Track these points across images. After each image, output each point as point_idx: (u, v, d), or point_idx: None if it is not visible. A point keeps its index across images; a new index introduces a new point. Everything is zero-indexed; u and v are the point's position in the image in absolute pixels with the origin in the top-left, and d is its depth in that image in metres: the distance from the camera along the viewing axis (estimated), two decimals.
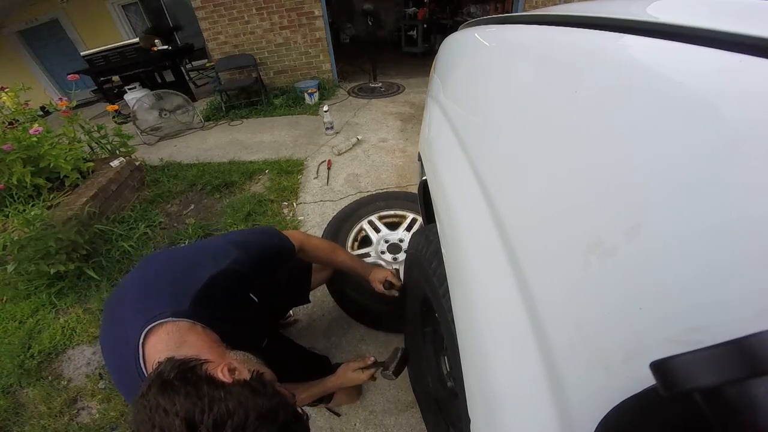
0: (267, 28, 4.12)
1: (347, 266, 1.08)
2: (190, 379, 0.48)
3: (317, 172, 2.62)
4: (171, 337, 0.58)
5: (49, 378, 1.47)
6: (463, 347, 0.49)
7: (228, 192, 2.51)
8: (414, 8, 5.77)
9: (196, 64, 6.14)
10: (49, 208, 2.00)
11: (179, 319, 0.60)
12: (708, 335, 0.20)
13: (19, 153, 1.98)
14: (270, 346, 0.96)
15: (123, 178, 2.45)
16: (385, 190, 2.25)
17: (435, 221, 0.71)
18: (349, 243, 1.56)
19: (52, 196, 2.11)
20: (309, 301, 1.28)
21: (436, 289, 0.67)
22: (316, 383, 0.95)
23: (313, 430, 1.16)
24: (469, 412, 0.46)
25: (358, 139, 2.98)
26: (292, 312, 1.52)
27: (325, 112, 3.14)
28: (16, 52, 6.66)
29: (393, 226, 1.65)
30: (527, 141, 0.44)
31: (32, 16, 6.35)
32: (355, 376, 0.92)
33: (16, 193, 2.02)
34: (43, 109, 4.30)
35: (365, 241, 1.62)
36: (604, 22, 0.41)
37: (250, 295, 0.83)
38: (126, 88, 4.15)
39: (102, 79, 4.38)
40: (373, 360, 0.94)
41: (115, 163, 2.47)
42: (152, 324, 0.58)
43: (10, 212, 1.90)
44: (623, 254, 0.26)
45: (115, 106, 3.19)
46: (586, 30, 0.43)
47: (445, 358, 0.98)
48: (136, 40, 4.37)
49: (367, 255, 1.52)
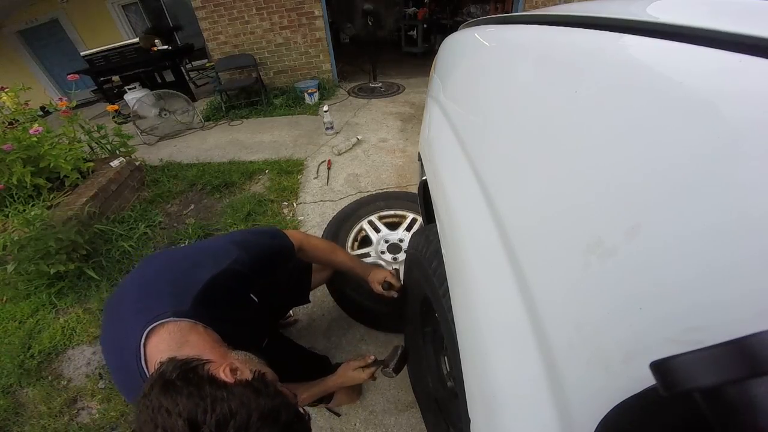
0: (267, 28, 4.13)
1: (346, 266, 1.08)
2: (193, 380, 0.48)
3: (317, 172, 2.62)
4: (172, 337, 0.58)
5: (49, 378, 1.47)
6: (463, 347, 0.49)
7: (228, 192, 2.51)
8: (414, 8, 5.78)
9: (196, 64, 6.14)
10: (49, 208, 2.00)
11: (180, 319, 0.60)
12: (708, 335, 0.20)
13: (19, 153, 1.98)
14: (270, 346, 0.96)
15: (123, 178, 2.45)
16: (385, 190, 2.25)
17: (435, 221, 0.71)
18: (349, 243, 1.56)
19: (52, 196, 2.11)
20: (309, 301, 1.28)
21: (436, 289, 0.67)
22: (317, 383, 0.95)
23: (314, 430, 1.15)
24: (469, 412, 0.46)
25: (358, 139, 2.98)
26: (292, 312, 1.52)
27: (325, 112, 3.14)
28: (16, 52, 6.66)
29: (393, 226, 1.65)
30: (527, 141, 0.44)
31: (32, 16, 6.35)
32: (356, 374, 0.92)
33: (16, 193, 2.02)
34: (43, 109, 4.30)
35: (365, 241, 1.62)
36: (604, 22, 0.41)
37: (251, 296, 0.83)
38: (126, 88, 4.15)
39: (102, 79, 4.38)
40: (373, 359, 0.94)
41: (115, 163, 2.47)
42: (153, 324, 0.58)
43: (10, 212, 1.90)
44: (623, 254, 0.26)
45: (115, 106, 3.19)
46: (586, 30, 0.43)
47: (445, 358, 0.98)
48: (136, 40, 4.37)
49: (367, 255, 1.52)
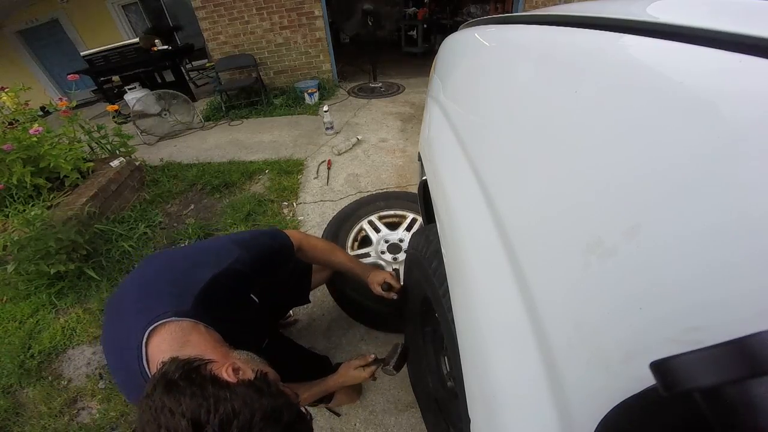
0: (267, 28, 4.13)
1: (346, 267, 1.08)
2: (195, 380, 0.47)
3: (317, 172, 2.62)
4: (174, 337, 0.58)
5: (49, 378, 1.47)
6: (463, 347, 0.49)
7: (228, 192, 2.51)
8: (414, 8, 5.78)
9: (196, 64, 6.15)
10: (49, 208, 2.00)
11: (182, 319, 0.60)
12: (708, 335, 0.20)
13: (19, 153, 1.99)
14: (270, 346, 0.96)
15: (123, 178, 2.45)
16: (385, 190, 2.25)
17: (435, 221, 0.71)
18: (349, 243, 1.56)
19: (52, 196, 2.11)
20: (309, 302, 1.28)
21: (436, 289, 0.67)
22: (318, 382, 0.95)
23: (314, 430, 1.16)
24: (469, 412, 0.46)
25: (358, 139, 2.98)
26: (292, 312, 1.52)
27: (325, 112, 3.14)
28: (16, 52, 6.66)
29: (393, 226, 1.65)
30: (527, 141, 0.44)
31: (32, 16, 6.35)
32: (357, 373, 0.92)
33: (16, 193, 2.02)
34: (43, 109, 4.31)
35: (365, 241, 1.62)
36: (604, 22, 0.41)
37: (251, 296, 0.83)
38: (126, 88, 4.15)
39: (102, 79, 4.38)
40: (374, 357, 0.94)
41: (115, 163, 2.47)
42: (155, 324, 0.58)
43: (10, 212, 1.90)
44: (623, 254, 0.26)
45: (115, 106, 3.19)
46: (586, 30, 0.43)
47: (445, 358, 0.98)
48: (136, 40, 4.37)
49: (367, 255, 1.52)
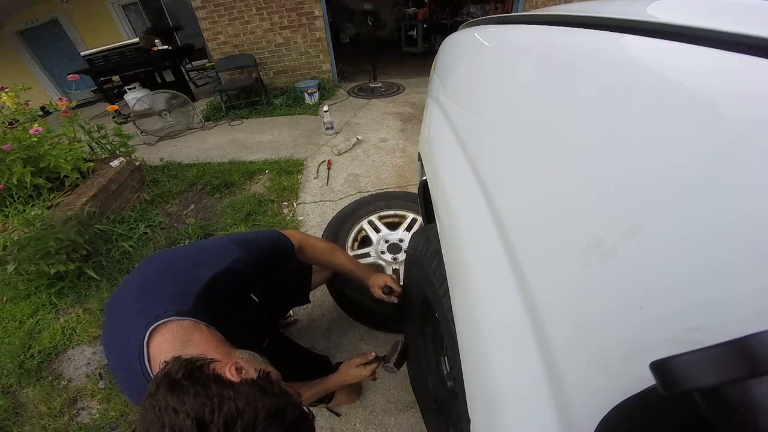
0: (267, 28, 4.13)
1: (346, 269, 1.07)
2: (199, 379, 0.47)
3: (317, 172, 2.62)
4: (176, 336, 0.58)
5: (49, 378, 1.47)
6: (463, 347, 0.49)
7: (228, 192, 2.51)
8: (414, 8, 5.78)
9: (196, 64, 6.15)
10: (49, 208, 2.00)
11: (183, 318, 0.60)
12: (708, 335, 0.20)
13: (19, 153, 1.98)
14: (270, 346, 0.96)
15: (123, 178, 2.45)
16: (385, 190, 2.25)
17: (435, 221, 0.71)
18: (349, 243, 1.56)
19: (52, 196, 2.11)
20: (309, 302, 1.28)
21: (436, 289, 0.67)
22: (319, 382, 0.95)
23: None
24: (469, 412, 0.46)
25: (358, 139, 2.98)
26: (292, 312, 1.52)
27: (325, 112, 3.14)
28: (16, 52, 6.66)
29: (393, 226, 1.64)
30: (527, 141, 0.44)
31: (32, 16, 6.35)
32: (358, 372, 0.92)
33: (16, 193, 2.02)
34: (43, 109, 4.31)
35: (365, 241, 1.62)
36: (604, 22, 0.41)
37: (251, 296, 0.83)
38: (126, 88, 4.15)
39: (102, 79, 4.38)
40: (374, 355, 0.94)
41: (115, 163, 2.47)
42: (156, 323, 0.58)
43: (10, 212, 1.90)
44: (623, 254, 0.26)
45: (115, 106, 3.19)
46: (586, 30, 0.43)
47: (445, 358, 0.98)
48: (136, 40, 4.37)
49: (367, 255, 1.52)
